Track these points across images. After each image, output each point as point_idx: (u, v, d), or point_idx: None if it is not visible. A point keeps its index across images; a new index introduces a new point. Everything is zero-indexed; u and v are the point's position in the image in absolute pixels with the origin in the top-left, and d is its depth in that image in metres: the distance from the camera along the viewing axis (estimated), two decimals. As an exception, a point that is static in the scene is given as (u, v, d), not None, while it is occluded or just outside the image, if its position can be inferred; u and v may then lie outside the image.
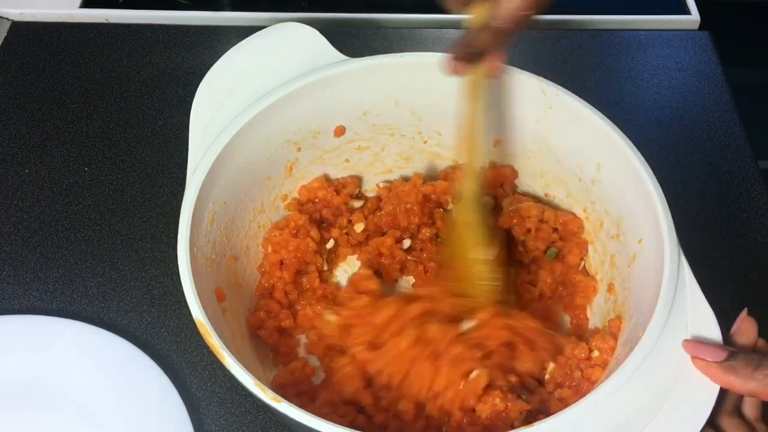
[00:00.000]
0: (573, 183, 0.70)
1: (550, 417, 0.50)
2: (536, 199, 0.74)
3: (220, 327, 0.55)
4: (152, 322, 0.72)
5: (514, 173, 0.74)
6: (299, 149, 0.71)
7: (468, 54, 0.59)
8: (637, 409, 0.50)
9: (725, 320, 0.54)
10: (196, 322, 0.54)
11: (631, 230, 0.64)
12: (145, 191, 0.82)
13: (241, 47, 0.68)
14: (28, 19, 0.99)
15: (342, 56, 0.68)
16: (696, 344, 0.51)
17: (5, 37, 0.97)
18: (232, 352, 0.52)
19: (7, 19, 0.98)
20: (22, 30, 0.98)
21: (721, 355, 0.49)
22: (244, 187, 0.67)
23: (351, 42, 0.96)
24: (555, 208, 0.73)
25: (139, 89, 0.92)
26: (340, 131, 0.72)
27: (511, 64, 0.66)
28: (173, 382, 0.66)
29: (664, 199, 0.59)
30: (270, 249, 0.69)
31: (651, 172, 0.60)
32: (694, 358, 0.51)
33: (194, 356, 0.69)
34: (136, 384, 0.66)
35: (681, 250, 0.56)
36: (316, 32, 0.69)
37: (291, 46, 0.68)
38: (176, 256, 0.75)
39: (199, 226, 0.60)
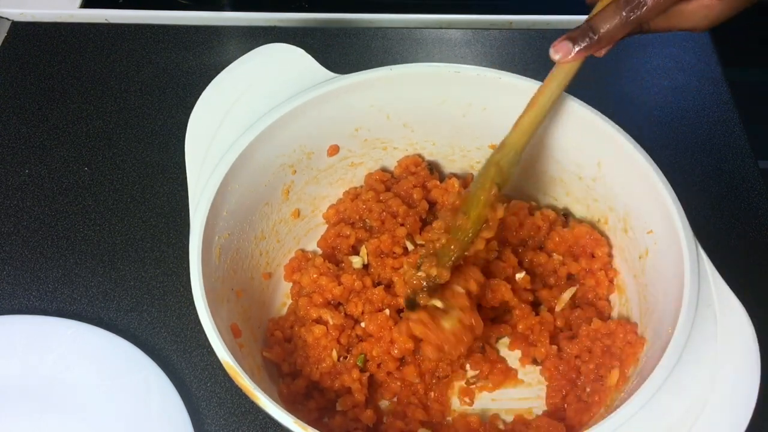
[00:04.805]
0: (573, 182, 0.71)
1: (591, 428, 0.50)
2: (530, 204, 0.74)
3: (240, 364, 0.54)
4: (152, 322, 0.72)
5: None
6: (294, 172, 0.71)
7: (587, 38, 0.57)
8: (682, 410, 0.50)
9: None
10: (223, 364, 0.54)
11: (639, 224, 0.64)
12: (145, 191, 0.82)
13: (228, 72, 0.67)
14: (28, 19, 0.99)
15: (330, 74, 0.68)
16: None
17: (5, 37, 0.97)
18: (262, 390, 0.52)
19: (7, 19, 0.98)
20: (22, 30, 0.98)
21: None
22: (245, 216, 0.67)
23: (351, 42, 0.96)
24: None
25: (139, 89, 0.92)
26: (333, 150, 0.72)
27: (510, 66, 0.66)
28: (173, 382, 0.66)
29: (671, 188, 0.59)
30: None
31: (655, 164, 0.61)
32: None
33: (194, 356, 0.69)
34: (136, 384, 0.66)
35: (697, 241, 0.56)
36: (302, 51, 0.69)
37: (278, 67, 0.68)
38: (176, 255, 0.76)
39: (209, 263, 0.60)
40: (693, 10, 0.56)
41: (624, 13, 0.55)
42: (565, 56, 0.58)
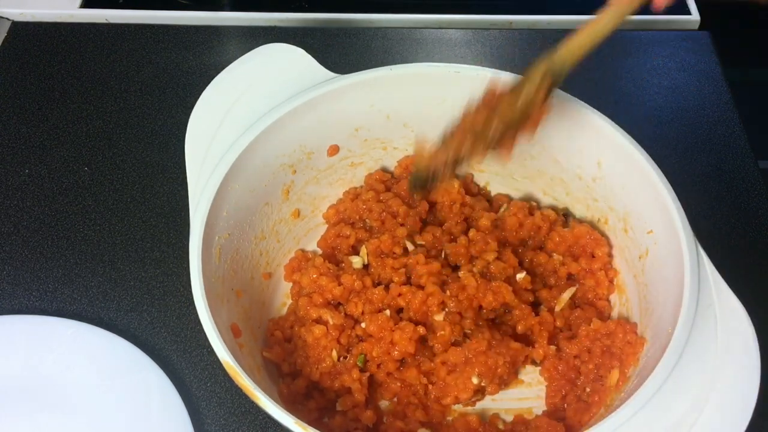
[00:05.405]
0: (573, 182, 0.71)
1: (591, 428, 0.50)
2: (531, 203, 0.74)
3: (240, 364, 0.54)
4: (152, 322, 0.72)
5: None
6: (294, 172, 0.71)
7: None
8: (682, 410, 0.50)
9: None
10: (223, 364, 0.54)
11: (640, 224, 0.64)
12: (145, 191, 0.82)
13: (228, 72, 0.68)
14: (28, 19, 0.99)
15: (330, 74, 0.68)
16: None
17: (5, 37, 0.97)
18: (262, 389, 0.52)
19: (7, 19, 0.98)
20: (22, 30, 0.98)
21: None
22: (246, 216, 0.67)
23: (351, 42, 0.96)
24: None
25: (139, 89, 0.92)
26: (333, 150, 0.72)
27: (510, 66, 0.66)
28: (173, 382, 0.66)
29: (671, 188, 0.59)
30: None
31: (655, 164, 0.61)
32: None
33: (194, 356, 0.69)
34: (136, 384, 0.66)
35: (697, 241, 0.56)
36: (302, 51, 0.69)
37: (278, 67, 0.68)
38: (176, 255, 0.76)
39: (209, 263, 0.60)
40: None
41: None
42: None
